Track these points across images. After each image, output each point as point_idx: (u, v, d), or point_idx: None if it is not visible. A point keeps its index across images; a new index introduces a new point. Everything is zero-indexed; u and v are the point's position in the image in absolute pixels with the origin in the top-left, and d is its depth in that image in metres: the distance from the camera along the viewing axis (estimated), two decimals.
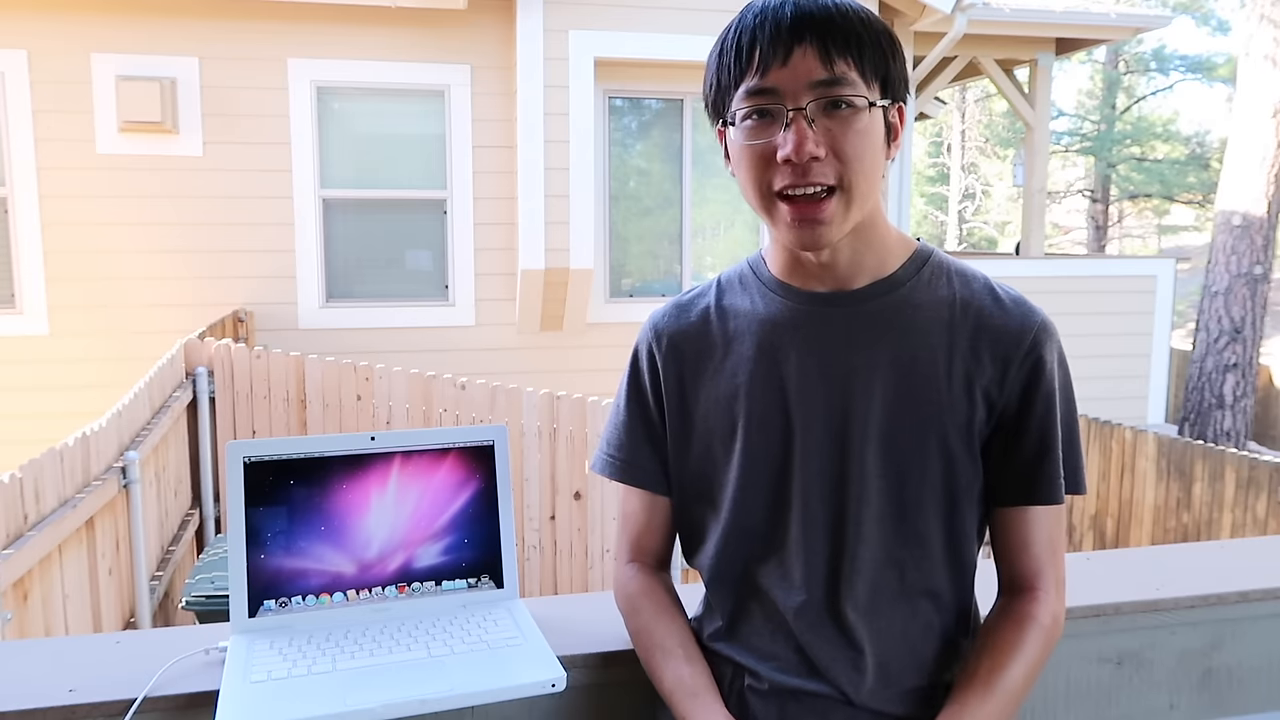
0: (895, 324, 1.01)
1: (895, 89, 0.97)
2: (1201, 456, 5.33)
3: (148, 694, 1.07)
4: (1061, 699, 1.38)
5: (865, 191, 0.96)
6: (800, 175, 0.94)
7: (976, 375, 1.00)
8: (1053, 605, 1.04)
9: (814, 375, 1.03)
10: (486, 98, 6.66)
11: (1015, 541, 1.05)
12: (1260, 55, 8.93)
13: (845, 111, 0.93)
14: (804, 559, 1.04)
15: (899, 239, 1.06)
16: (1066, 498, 1.06)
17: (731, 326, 1.08)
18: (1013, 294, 1.04)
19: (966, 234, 27.62)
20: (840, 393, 1.02)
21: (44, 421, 5.86)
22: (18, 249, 6.17)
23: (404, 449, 1.20)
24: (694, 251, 7.25)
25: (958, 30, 7.09)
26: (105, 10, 6.14)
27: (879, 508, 1.02)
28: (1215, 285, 9.32)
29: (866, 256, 1.03)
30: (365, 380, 4.95)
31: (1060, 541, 1.06)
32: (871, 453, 1.01)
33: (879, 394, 1.01)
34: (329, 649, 1.10)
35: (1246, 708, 1.47)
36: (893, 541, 1.02)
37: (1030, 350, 1.00)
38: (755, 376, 1.05)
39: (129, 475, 3.38)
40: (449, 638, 1.14)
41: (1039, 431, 1.01)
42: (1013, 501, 1.03)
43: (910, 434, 1.01)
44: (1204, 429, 9.25)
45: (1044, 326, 1.02)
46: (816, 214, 0.95)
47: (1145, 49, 23.04)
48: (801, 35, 0.92)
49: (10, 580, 2.33)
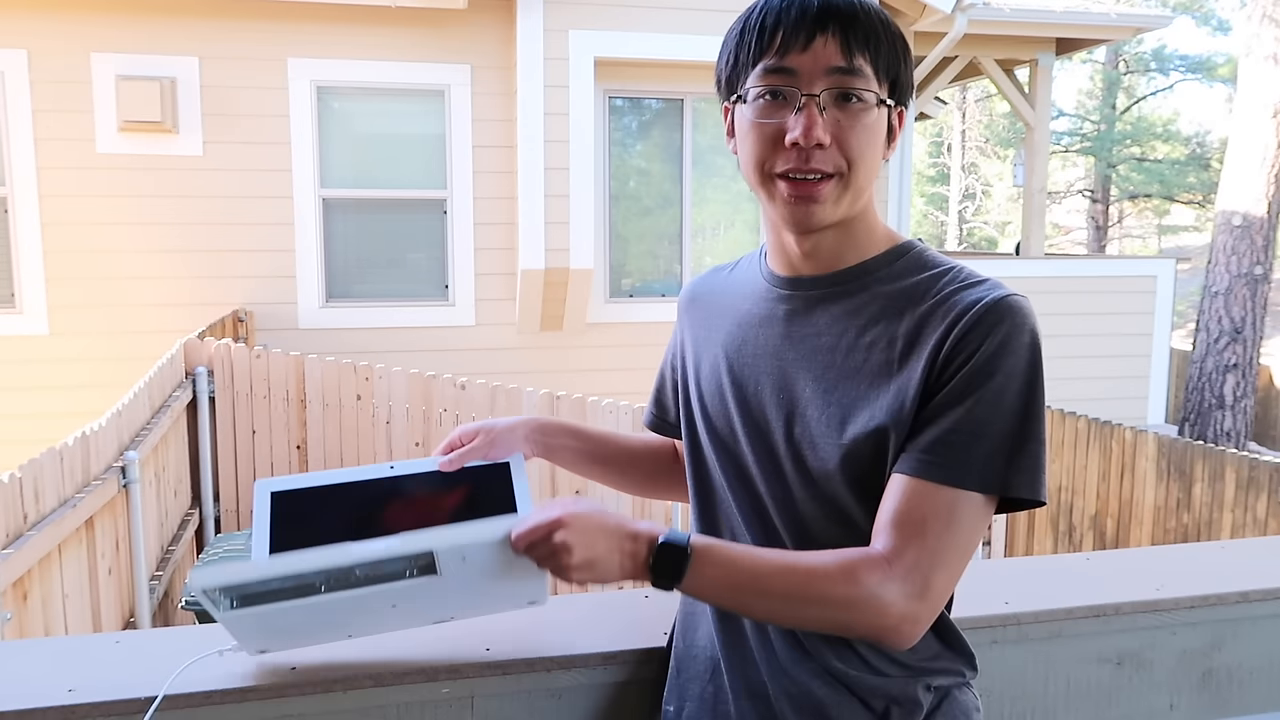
0: (853, 309, 1.02)
1: (902, 92, 1.00)
2: (1202, 457, 5.32)
3: (166, 692, 1.07)
4: (1061, 699, 1.38)
5: (862, 184, 0.99)
6: (803, 161, 0.96)
7: (918, 355, 0.96)
8: (891, 579, 0.92)
9: (767, 356, 1.06)
10: (486, 98, 6.66)
11: (883, 507, 0.95)
12: (1261, 55, 8.93)
13: (855, 105, 0.96)
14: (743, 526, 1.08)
15: (886, 234, 1.07)
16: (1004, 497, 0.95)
17: (726, 301, 1.15)
18: (986, 279, 0.99)
19: (967, 234, 27.62)
20: (790, 374, 1.04)
21: (44, 421, 5.86)
22: (18, 249, 6.17)
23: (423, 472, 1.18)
24: (694, 251, 7.25)
25: (958, 30, 7.10)
26: (105, 10, 6.14)
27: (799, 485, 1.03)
28: (1215, 285, 9.32)
29: (848, 249, 1.04)
30: (365, 380, 4.95)
31: (931, 529, 0.92)
32: (809, 433, 1.02)
33: (822, 377, 1.02)
34: None
35: (1246, 708, 1.47)
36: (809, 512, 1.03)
37: (973, 324, 0.93)
38: (725, 350, 1.11)
39: (129, 475, 3.38)
40: None
41: (944, 403, 0.93)
42: (906, 469, 0.95)
43: (842, 415, 1.00)
44: (1204, 429, 9.25)
45: (996, 305, 0.94)
46: (813, 193, 0.97)
47: (1145, 49, 23.05)
48: (825, 24, 0.95)
49: (10, 580, 2.33)
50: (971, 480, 0.93)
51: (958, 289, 0.98)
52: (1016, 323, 0.94)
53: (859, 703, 1.03)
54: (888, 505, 0.96)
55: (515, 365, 6.78)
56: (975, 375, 0.93)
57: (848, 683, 1.03)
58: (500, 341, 6.87)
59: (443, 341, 6.76)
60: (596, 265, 6.75)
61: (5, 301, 6.22)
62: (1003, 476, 0.93)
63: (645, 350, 6.65)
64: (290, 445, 4.93)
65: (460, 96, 6.65)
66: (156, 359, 4.42)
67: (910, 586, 0.92)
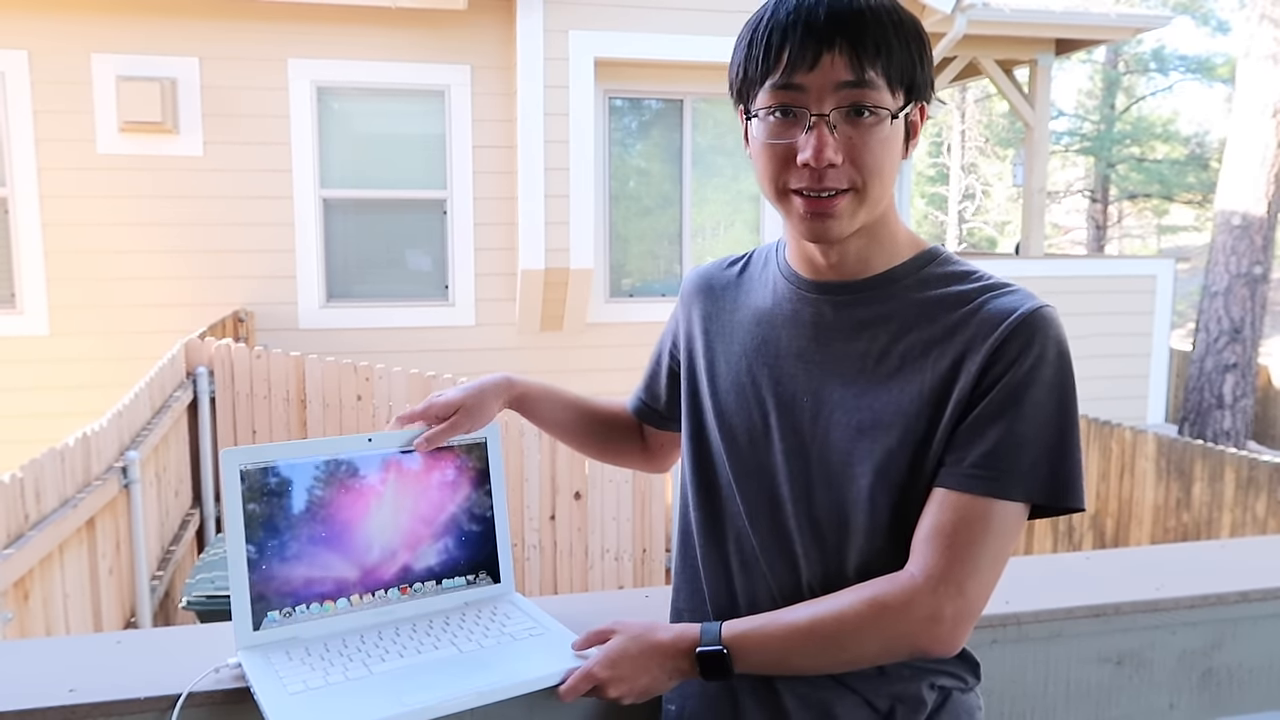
0: (883, 316, 1.02)
1: (920, 91, 0.98)
2: (1201, 456, 5.33)
3: (192, 689, 1.06)
4: (1061, 699, 1.38)
5: (878, 196, 0.98)
6: (816, 180, 0.95)
7: (951, 366, 0.97)
8: (920, 594, 0.94)
9: (795, 359, 1.05)
10: (486, 98, 6.66)
11: (939, 530, 0.95)
12: (1260, 54, 8.93)
13: (868, 120, 0.94)
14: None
15: (909, 238, 1.06)
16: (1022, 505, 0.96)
17: (743, 299, 1.13)
18: (1015, 288, 1.00)
19: (966, 234, 27.61)
20: (819, 377, 1.04)
21: (44, 421, 5.86)
22: (18, 249, 6.17)
23: (402, 449, 1.19)
24: (694, 251, 7.25)
25: (958, 30, 7.09)
26: (105, 10, 6.13)
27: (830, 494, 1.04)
28: (1215, 285, 9.32)
29: (875, 254, 1.04)
30: (365, 380, 4.95)
31: (969, 541, 0.94)
32: (835, 436, 1.02)
33: (853, 382, 1.01)
34: (351, 654, 1.08)
35: (1246, 708, 1.47)
36: None
37: (1007, 336, 0.95)
38: (746, 351, 1.10)
39: (129, 475, 3.38)
40: (469, 634, 1.14)
41: (985, 417, 0.94)
42: (948, 484, 0.96)
43: (873, 420, 1.00)
44: (1203, 429, 9.25)
45: (1030, 317, 0.95)
46: (828, 209, 0.97)
47: (1145, 49, 23.05)
48: (832, 40, 0.93)
49: (11, 580, 2.33)
50: (1017, 491, 0.95)
51: (989, 299, 0.99)
52: (1050, 335, 0.96)
53: (863, 701, 1.04)
54: (929, 520, 0.97)
55: (515, 365, 6.77)
56: (1016, 388, 0.94)
57: (851, 682, 1.04)
58: (500, 341, 6.87)
59: (443, 341, 6.76)
60: (596, 265, 6.75)
61: (5, 302, 6.22)
62: (1048, 486, 0.95)
63: (645, 350, 6.55)
64: None
65: (460, 97, 6.65)
66: (157, 359, 4.41)
67: (950, 598, 0.95)
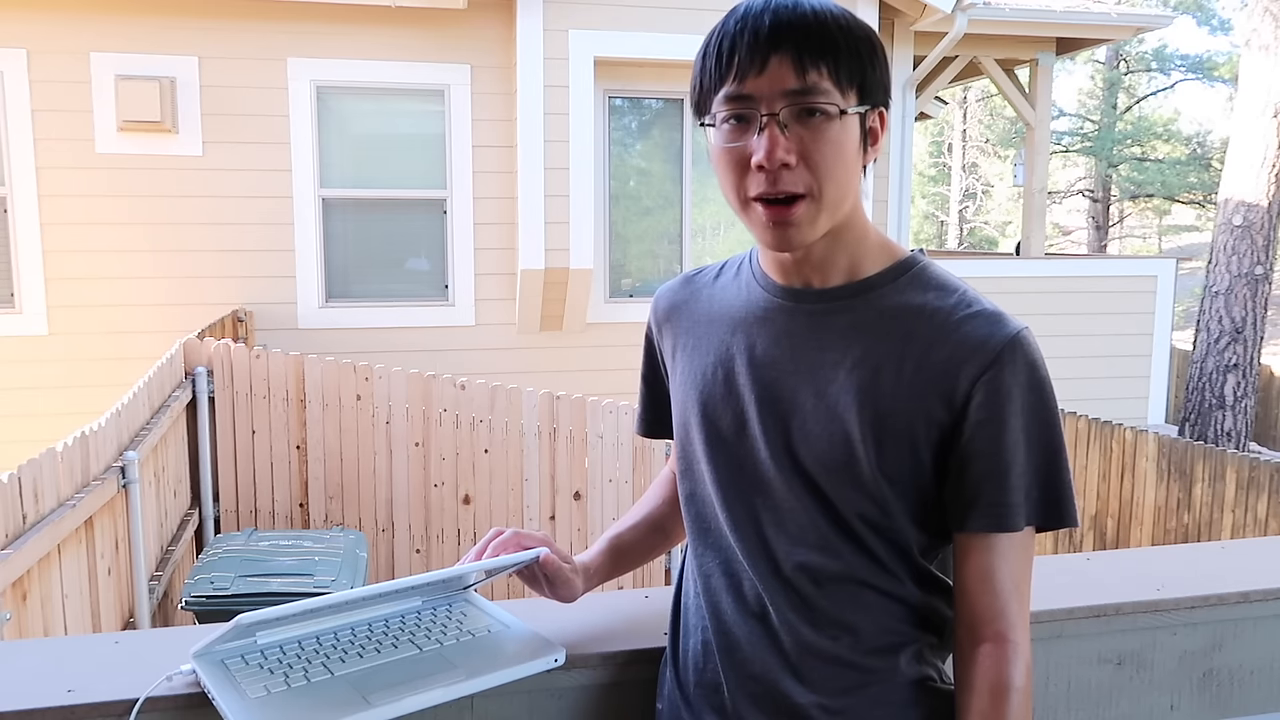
0: (857, 326, 1.02)
1: (874, 94, 0.98)
2: (1202, 457, 5.32)
3: (150, 695, 1.06)
4: (1062, 699, 1.37)
5: (836, 199, 0.97)
6: (771, 184, 0.96)
7: (929, 385, 0.98)
8: (1025, 654, 0.99)
9: (768, 366, 1.05)
10: (486, 97, 6.66)
11: (971, 575, 1.00)
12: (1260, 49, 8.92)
13: (818, 119, 0.95)
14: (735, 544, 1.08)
15: (880, 244, 1.06)
16: None
17: (717, 307, 1.13)
18: (991, 307, 1.00)
19: (967, 234, 27.63)
20: (791, 385, 1.03)
21: (43, 421, 5.86)
22: (17, 249, 6.17)
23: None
24: (694, 251, 7.25)
25: (958, 30, 7.09)
26: (105, 10, 6.13)
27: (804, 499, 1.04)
28: (1216, 285, 9.31)
29: (839, 256, 1.03)
30: (365, 380, 4.95)
31: (1020, 577, 0.99)
32: (807, 445, 1.02)
33: (829, 391, 1.01)
34: (310, 657, 1.07)
35: (1247, 708, 1.47)
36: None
37: (989, 365, 0.96)
38: (721, 358, 1.09)
39: (128, 475, 3.38)
40: (428, 633, 1.13)
41: (985, 452, 0.97)
42: (957, 527, 1.00)
43: (845, 431, 1.00)
44: (1205, 429, 9.24)
45: (1012, 343, 0.96)
46: (787, 216, 0.97)
47: (1146, 49, 23.06)
48: (778, 45, 0.94)
49: (9, 580, 2.33)
50: (1020, 521, 0.98)
51: (965, 318, 0.99)
52: (1031, 359, 0.98)
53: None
54: (970, 573, 1.00)
55: (515, 365, 6.78)
56: (1004, 420, 0.97)
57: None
58: (500, 341, 6.87)
59: (443, 341, 6.76)
60: (596, 265, 6.75)
61: (4, 301, 6.22)
62: (1057, 509, 0.99)
63: None
64: (290, 445, 4.93)
65: (460, 96, 6.65)
66: (156, 359, 4.41)
67: (1026, 638, 1.00)
